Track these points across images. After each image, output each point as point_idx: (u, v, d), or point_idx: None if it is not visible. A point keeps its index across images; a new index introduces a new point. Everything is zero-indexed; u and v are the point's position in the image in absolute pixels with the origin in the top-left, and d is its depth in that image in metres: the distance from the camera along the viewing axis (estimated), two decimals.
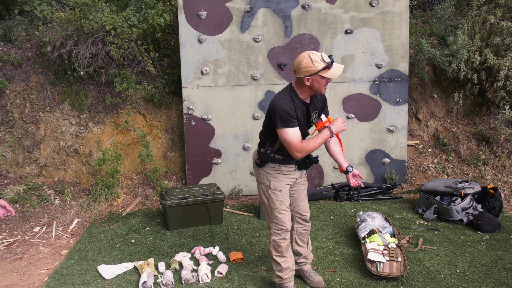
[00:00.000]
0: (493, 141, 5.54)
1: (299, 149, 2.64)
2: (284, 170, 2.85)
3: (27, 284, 3.27)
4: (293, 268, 2.98)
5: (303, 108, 2.74)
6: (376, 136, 5.17)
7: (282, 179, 2.86)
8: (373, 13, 4.96)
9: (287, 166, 2.85)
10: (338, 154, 2.89)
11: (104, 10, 4.74)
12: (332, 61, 2.59)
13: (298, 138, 2.65)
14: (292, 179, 2.90)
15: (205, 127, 4.98)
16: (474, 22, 5.45)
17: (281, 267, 2.92)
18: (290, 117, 2.63)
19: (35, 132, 5.11)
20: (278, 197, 2.85)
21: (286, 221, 2.87)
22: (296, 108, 2.68)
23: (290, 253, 2.99)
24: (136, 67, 5.06)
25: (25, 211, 4.56)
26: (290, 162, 2.85)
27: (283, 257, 2.92)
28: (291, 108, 2.64)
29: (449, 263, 3.37)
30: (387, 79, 5.09)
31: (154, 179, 5.09)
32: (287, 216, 2.88)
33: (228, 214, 4.55)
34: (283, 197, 2.86)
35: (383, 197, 4.93)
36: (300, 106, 2.71)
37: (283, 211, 2.86)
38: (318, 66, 2.56)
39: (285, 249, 2.90)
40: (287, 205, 2.89)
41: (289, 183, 2.90)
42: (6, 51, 5.16)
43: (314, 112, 2.82)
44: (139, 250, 3.76)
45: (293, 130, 2.64)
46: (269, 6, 4.86)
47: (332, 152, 2.90)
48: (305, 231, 3.08)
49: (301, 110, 2.72)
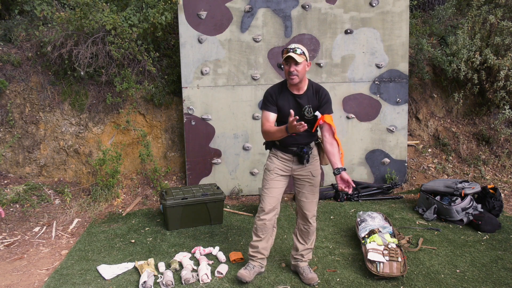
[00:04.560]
0: (493, 141, 5.54)
1: (263, 131, 2.95)
2: (279, 156, 3.04)
3: (27, 284, 3.27)
4: (262, 252, 3.12)
5: (291, 98, 2.92)
6: (376, 136, 5.17)
7: (275, 161, 3.05)
8: (373, 13, 4.96)
9: (284, 153, 3.03)
10: (330, 154, 2.87)
11: (104, 10, 4.74)
12: (290, 48, 2.82)
13: (268, 121, 2.91)
14: (286, 167, 3.04)
15: (205, 127, 4.98)
16: (474, 22, 5.45)
17: (251, 243, 3.15)
18: (268, 101, 2.95)
19: (35, 132, 5.11)
20: (266, 176, 3.06)
21: (266, 202, 3.03)
22: (280, 96, 2.93)
23: (268, 237, 3.11)
24: (136, 67, 5.06)
25: (25, 211, 4.56)
26: (287, 150, 3.01)
27: (256, 235, 3.11)
28: (271, 95, 2.95)
29: (449, 263, 3.37)
30: (387, 79, 5.09)
31: (154, 179, 5.09)
32: (268, 198, 3.03)
33: (228, 214, 4.55)
34: (270, 177, 3.04)
35: (383, 197, 4.93)
36: (287, 96, 2.93)
37: (266, 191, 3.04)
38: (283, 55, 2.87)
39: (259, 228, 3.07)
40: (272, 187, 3.03)
41: (282, 169, 3.04)
42: (6, 51, 5.16)
43: (307, 106, 2.91)
44: (139, 250, 3.76)
45: (267, 113, 2.94)
46: (269, 6, 4.86)
47: (325, 151, 2.92)
48: (305, 229, 3.11)
49: (286, 99, 2.92)
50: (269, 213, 3.04)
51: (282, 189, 3.08)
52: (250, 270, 3.11)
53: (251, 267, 3.14)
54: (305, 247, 3.16)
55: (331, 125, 2.84)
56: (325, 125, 2.86)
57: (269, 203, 3.02)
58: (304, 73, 2.87)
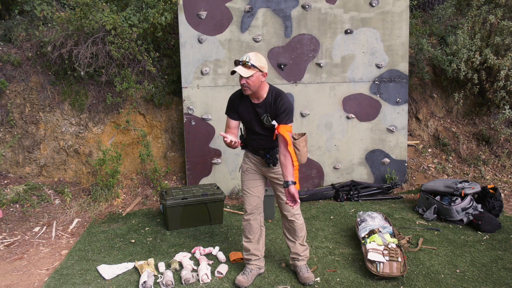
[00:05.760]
0: (493, 141, 5.54)
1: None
2: (250, 157, 3.13)
3: (27, 284, 3.27)
4: (255, 253, 3.15)
5: (249, 107, 2.95)
6: (376, 136, 5.17)
7: (247, 162, 3.14)
8: (373, 13, 4.96)
9: (254, 155, 3.11)
10: (282, 165, 2.85)
11: (104, 10, 4.74)
12: (240, 61, 2.82)
13: (229, 127, 3.01)
14: (257, 167, 3.11)
15: (205, 127, 4.98)
16: (474, 22, 5.45)
17: (243, 246, 3.20)
18: (228, 107, 3.04)
19: (35, 132, 5.11)
20: (242, 177, 3.16)
21: (247, 202, 3.11)
22: (240, 103, 2.97)
23: (257, 238, 3.15)
24: (136, 67, 5.06)
25: (25, 211, 4.56)
26: (256, 153, 3.08)
27: (245, 237, 3.17)
28: (232, 102, 3.01)
29: (449, 263, 3.37)
30: (387, 79, 5.09)
31: (154, 179, 5.09)
32: (248, 198, 3.11)
33: (228, 214, 4.55)
34: (245, 178, 3.12)
35: (383, 197, 4.93)
36: (246, 104, 2.96)
37: (245, 192, 3.13)
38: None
39: (246, 229, 3.15)
40: (249, 187, 3.11)
41: (255, 169, 3.12)
42: (6, 51, 5.16)
43: (265, 114, 2.91)
44: (139, 250, 3.76)
45: (228, 120, 3.03)
46: (269, 6, 4.86)
47: (279, 162, 2.92)
48: (290, 226, 3.14)
49: (246, 107, 2.96)
50: (252, 212, 3.11)
51: (260, 187, 3.14)
52: (247, 275, 3.12)
53: (248, 271, 3.15)
54: (296, 244, 3.16)
55: (284, 136, 2.79)
56: (279, 135, 2.83)
57: (250, 203, 3.10)
58: (258, 84, 2.82)
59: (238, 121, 3.03)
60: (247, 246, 3.16)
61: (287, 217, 3.10)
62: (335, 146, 5.13)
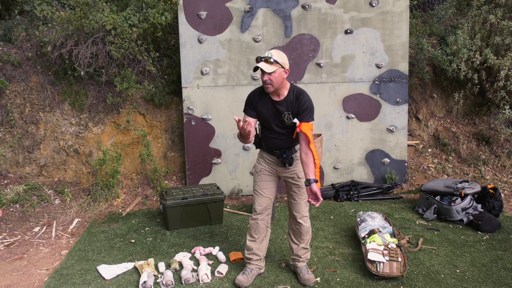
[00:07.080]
0: (493, 141, 5.54)
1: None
2: (265, 157, 3.12)
3: (27, 284, 3.27)
4: (257, 253, 3.14)
5: (269, 104, 2.92)
6: (376, 136, 5.17)
7: (262, 163, 3.13)
8: (373, 13, 4.96)
9: (269, 155, 3.09)
10: (303, 164, 2.83)
11: (104, 10, 4.74)
12: (262, 57, 2.81)
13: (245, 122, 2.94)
14: (272, 168, 3.09)
15: (205, 127, 4.98)
16: (474, 22, 5.45)
17: (246, 244, 3.19)
18: (246, 104, 3.01)
19: (35, 132, 5.11)
20: (255, 178, 3.15)
21: (257, 203, 3.10)
22: (260, 102, 2.94)
23: (261, 238, 3.14)
24: (136, 67, 5.06)
25: (25, 211, 4.56)
26: (271, 153, 3.06)
27: (250, 235, 3.16)
28: (251, 100, 2.98)
29: (449, 263, 3.37)
30: (387, 79, 5.09)
31: (154, 179, 5.09)
32: (258, 198, 3.10)
33: (228, 214, 4.55)
34: (258, 178, 3.12)
35: (383, 197, 4.93)
36: (266, 102, 2.93)
37: (256, 192, 3.12)
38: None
39: (252, 228, 3.13)
40: (261, 188, 3.10)
41: (269, 170, 3.10)
42: (6, 51, 5.16)
43: (286, 112, 2.89)
44: (139, 250, 3.76)
45: (245, 117, 2.99)
46: (269, 6, 4.86)
47: (300, 160, 2.89)
48: (297, 229, 3.13)
49: (266, 105, 2.93)
50: (261, 213, 3.09)
51: (272, 189, 3.12)
52: (248, 275, 3.12)
53: (249, 271, 3.14)
54: (299, 247, 3.16)
55: (306, 134, 2.78)
56: (301, 133, 2.82)
57: (260, 203, 3.09)
58: (281, 80, 2.82)
59: (255, 119, 2.99)
60: (250, 245, 3.15)
61: (296, 218, 3.08)
62: (335, 146, 5.13)
